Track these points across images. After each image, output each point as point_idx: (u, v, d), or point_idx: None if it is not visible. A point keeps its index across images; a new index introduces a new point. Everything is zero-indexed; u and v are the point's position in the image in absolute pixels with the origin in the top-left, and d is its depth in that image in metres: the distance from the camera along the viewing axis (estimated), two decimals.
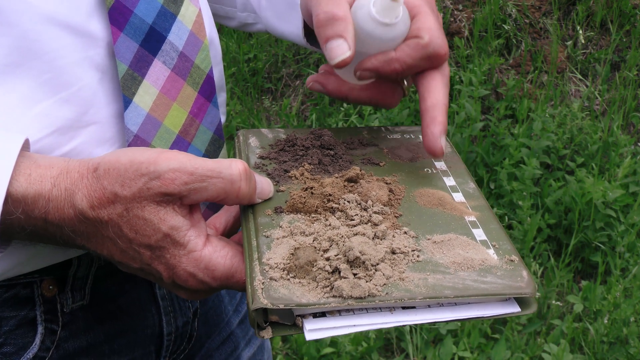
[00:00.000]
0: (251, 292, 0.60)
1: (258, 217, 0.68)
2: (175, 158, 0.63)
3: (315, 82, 0.81)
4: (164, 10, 0.75)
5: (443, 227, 0.68)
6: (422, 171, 0.78)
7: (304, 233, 0.65)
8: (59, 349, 0.78)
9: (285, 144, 0.80)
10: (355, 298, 0.59)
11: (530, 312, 0.63)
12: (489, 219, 0.70)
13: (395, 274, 0.62)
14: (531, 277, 0.63)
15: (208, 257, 0.65)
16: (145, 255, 0.64)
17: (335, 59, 0.70)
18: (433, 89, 0.75)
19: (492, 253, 0.65)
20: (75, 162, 0.65)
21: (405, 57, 0.73)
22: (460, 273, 0.62)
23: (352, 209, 0.68)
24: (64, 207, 0.63)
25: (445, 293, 0.60)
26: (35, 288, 0.76)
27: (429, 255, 0.64)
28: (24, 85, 0.67)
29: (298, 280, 0.61)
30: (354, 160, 0.78)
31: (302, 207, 0.69)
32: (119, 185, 0.62)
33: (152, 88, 0.74)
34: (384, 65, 0.73)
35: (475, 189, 0.76)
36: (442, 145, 0.74)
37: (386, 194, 0.71)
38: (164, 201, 0.63)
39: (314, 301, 0.59)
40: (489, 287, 0.61)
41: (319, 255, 0.62)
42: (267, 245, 0.65)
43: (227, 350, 1.00)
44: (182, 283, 0.65)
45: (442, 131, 0.74)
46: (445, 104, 0.74)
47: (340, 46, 0.70)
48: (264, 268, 0.62)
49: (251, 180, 0.67)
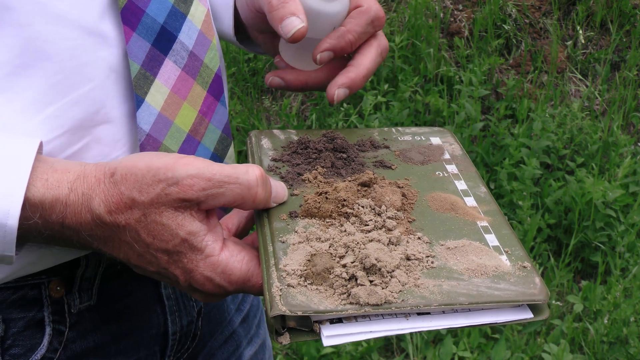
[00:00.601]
0: (269, 299, 0.61)
1: (273, 222, 0.69)
2: (193, 164, 0.64)
3: (273, 77, 0.84)
4: (174, 10, 0.76)
5: (456, 233, 0.69)
6: (434, 174, 0.78)
7: (319, 239, 0.66)
8: (67, 350, 0.78)
9: (297, 146, 0.81)
10: (372, 305, 0.60)
11: (542, 319, 0.63)
12: (501, 225, 0.71)
13: (410, 280, 0.62)
14: (544, 283, 0.64)
15: (225, 262, 0.65)
16: (162, 259, 0.65)
17: (291, 31, 0.75)
18: (364, 52, 0.81)
19: (505, 259, 0.66)
20: (91, 166, 0.65)
21: (354, 26, 0.79)
22: (474, 280, 0.63)
23: (366, 214, 0.68)
24: (81, 211, 0.63)
25: (460, 300, 0.61)
26: (43, 289, 0.76)
27: (443, 261, 0.65)
28: (36, 86, 0.67)
29: (315, 287, 0.61)
30: (366, 163, 0.79)
31: (317, 212, 0.69)
32: (136, 191, 0.63)
33: (163, 87, 0.75)
34: (339, 40, 0.78)
35: (486, 192, 0.76)
36: (335, 94, 0.78)
37: (399, 199, 0.72)
38: (181, 207, 0.63)
39: (331, 308, 0.59)
40: (502, 293, 0.62)
41: (335, 262, 0.63)
42: (283, 250, 0.65)
43: (230, 349, 1.00)
44: (199, 287, 0.66)
45: (344, 84, 0.78)
46: (367, 67, 0.80)
47: (294, 21, 0.75)
48: (281, 274, 0.62)
49: (267, 185, 0.68)
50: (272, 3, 0.76)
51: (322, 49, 0.78)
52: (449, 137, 0.87)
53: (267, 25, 0.80)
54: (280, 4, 0.76)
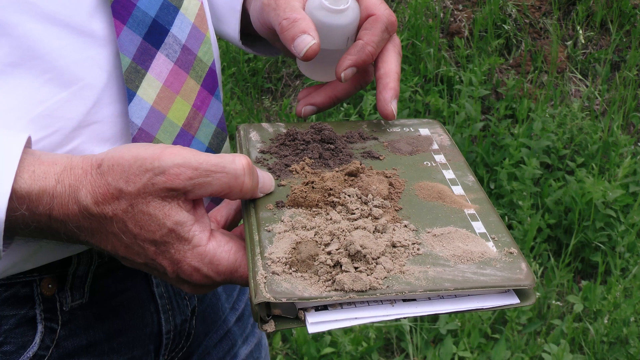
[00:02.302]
0: (254, 287, 0.61)
1: (260, 212, 0.69)
2: (179, 153, 0.63)
3: (305, 107, 0.86)
4: (166, 4, 0.75)
5: (443, 220, 0.69)
6: (422, 164, 0.79)
7: (305, 227, 0.66)
8: (59, 348, 0.78)
9: (285, 138, 0.81)
10: (357, 291, 0.60)
11: (529, 304, 0.63)
12: (488, 212, 0.71)
13: (395, 267, 0.62)
14: (530, 269, 0.64)
15: (212, 252, 0.65)
16: (149, 250, 0.65)
17: (303, 50, 0.76)
18: (386, 59, 0.82)
19: (492, 245, 0.66)
20: (78, 158, 0.65)
21: (371, 37, 0.80)
22: (459, 266, 0.63)
23: (352, 203, 0.68)
24: (68, 203, 0.63)
25: (445, 285, 0.61)
26: (34, 287, 0.76)
27: (429, 248, 0.65)
28: (26, 84, 0.67)
29: (300, 274, 0.61)
30: (354, 154, 0.79)
31: (303, 201, 0.69)
32: (123, 181, 0.63)
33: (155, 81, 0.74)
34: (360, 54, 0.80)
35: (474, 181, 0.76)
36: (393, 109, 0.81)
37: (386, 188, 0.72)
38: (168, 196, 0.63)
39: (315, 294, 0.60)
40: (488, 279, 0.62)
41: (321, 249, 0.63)
42: (269, 239, 0.65)
43: (225, 348, 1.00)
44: (187, 277, 0.66)
45: (392, 96, 0.81)
46: (397, 72, 0.82)
47: (305, 39, 0.76)
48: (266, 262, 0.62)
49: (254, 175, 0.68)
50: (283, 24, 0.77)
51: (345, 66, 0.80)
52: (437, 128, 0.87)
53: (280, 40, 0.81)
54: (291, 23, 0.77)
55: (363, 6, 0.81)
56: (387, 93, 0.81)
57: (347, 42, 0.82)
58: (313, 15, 0.79)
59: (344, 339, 2.19)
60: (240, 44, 0.92)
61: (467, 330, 2.23)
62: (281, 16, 0.78)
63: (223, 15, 0.91)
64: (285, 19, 0.77)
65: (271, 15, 0.80)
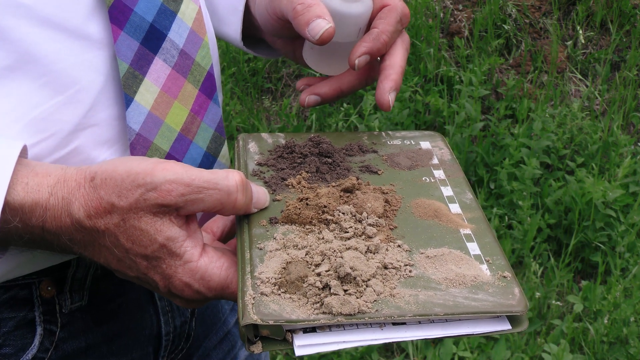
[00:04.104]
0: (242, 307, 0.60)
1: (253, 228, 0.69)
2: (172, 169, 0.63)
3: (309, 96, 0.85)
4: (164, 8, 0.75)
5: (437, 241, 0.68)
6: (420, 180, 0.78)
7: (296, 246, 0.65)
8: (58, 350, 0.78)
9: (283, 150, 0.80)
10: (345, 315, 0.59)
11: (520, 330, 0.62)
12: (484, 232, 0.70)
13: (386, 289, 0.61)
14: (523, 294, 0.63)
15: (204, 268, 0.65)
16: (141, 265, 0.65)
17: (318, 33, 0.75)
18: (393, 52, 0.82)
19: (485, 269, 0.65)
20: (72, 170, 0.65)
21: (386, 26, 0.79)
22: (451, 290, 0.62)
23: (346, 222, 0.68)
24: (61, 216, 0.63)
25: (436, 310, 0.60)
26: (33, 289, 0.76)
27: (422, 270, 0.64)
28: (22, 88, 0.67)
29: (289, 296, 0.61)
30: (351, 168, 0.78)
31: (297, 218, 0.69)
32: (115, 195, 0.62)
33: (153, 86, 0.74)
34: (375, 42, 0.79)
35: (472, 199, 0.75)
36: (390, 99, 0.80)
37: (381, 206, 0.71)
38: (160, 212, 0.63)
39: (303, 317, 0.59)
40: (479, 304, 0.61)
41: (310, 270, 0.62)
42: (259, 258, 0.65)
43: (225, 350, 1.00)
44: (178, 293, 0.66)
45: (392, 87, 0.80)
46: (401, 66, 0.81)
47: (320, 23, 0.75)
48: (256, 282, 0.62)
49: (247, 191, 0.67)
50: (297, 9, 0.77)
51: (360, 53, 0.79)
52: (439, 141, 0.86)
53: (288, 31, 0.81)
54: (305, 8, 0.76)
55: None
56: (388, 83, 0.80)
57: (358, 33, 0.81)
58: (327, 2, 0.79)
59: None
60: (241, 45, 0.92)
61: None
62: (295, 2, 0.77)
63: (224, 16, 0.91)
64: (300, 3, 0.77)
65: (283, 2, 0.79)
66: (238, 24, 0.90)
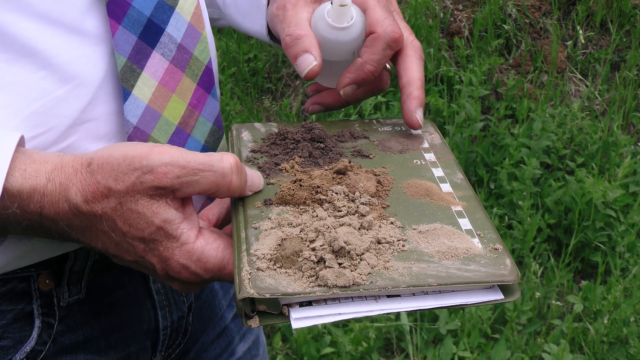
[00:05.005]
0: (238, 283, 0.61)
1: (248, 210, 0.69)
2: (167, 152, 0.64)
3: (313, 104, 0.86)
4: (162, 3, 0.76)
5: (429, 217, 0.69)
6: (411, 162, 0.79)
7: (291, 224, 0.66)
8: (56, 343, 0.78)
9: (276, 137, 0.81)
10: (340, 287, 0.60)
11: (513, 299, 0.64)
12: (475, 209, 0.71)
13: (380, 263, 0.62)
14: (514, 264, 0.64)
15: (200, 249, 0.66)
16: (138, 248, 0.65)
17: (305, 70, 0.76)
18: (408, 66, 0.81)
19: (477, 242, 0.66)
20: (69, 157, 0.66)
21: (370, 55, 0.79)
22: (444, 262, 0.63)
23: (339, 201, 0.69)
24: (59, 201, 0.64)
25: (429, 281, 0.61)
26: (31, 282, 0.76)
27: (414, 244, 0.65)
28: (21, 82, 0.67)
29: (284, 270, 0.62)
30: (344, 153, 0.79)
31: (291, 199, 0.70)
32: (112, 179, 0.63)
33: (151, 80, 0.75)
34: (359, 73, 0.79)
35: (462, 179, 0.76)
36: (418, 118, 0.80)
37: (374, 186, 0.72)
38: (156, 195, 0.64)
39: (299, 290, 0.60)
40: (472, 275, 0.62)
41: (305, 245, 0.63)
42: (255, 236, 0.66)
43: (222, 345, 1.00)
44: (175, 275, 0.66)
45: (417, 105, 0.80)
46: (420, 79, 0.81)
47: (307, 59, 0.76)
48: (252, 259, 0.63)
49: (242, 173, 0.68)
50: (286, 40, 0.78)
51: (344, 84, 0.80)
52: (429, 126, 0.87)
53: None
54: (294, 40, 0.77)
55: (368, 22, 0.79)
56: (412, 103, 0.80)
57: (352, 55, 0.82)
58: (317, 29, 0.79)
59: (344, 339, 2.19)
60: (268, 39, 0.92)
61: (467, 330, 2.23)
62: (286, 31, 0.78)
63: (248, 12, 0.91)
64: (289, 35, 0.78)
65: (278, 27, 0.81)
66: (263, 19, 0.90)
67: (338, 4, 0.77)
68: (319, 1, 0.81)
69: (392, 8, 0.83)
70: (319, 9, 0.79)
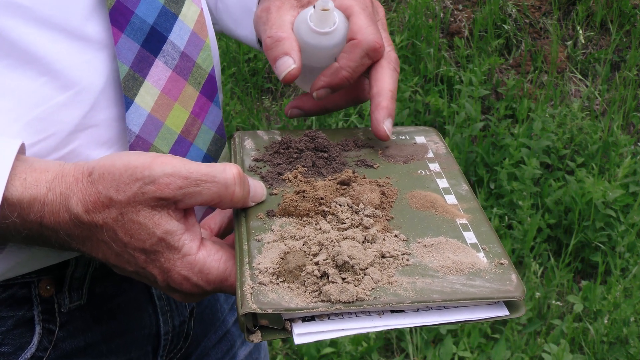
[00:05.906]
0: (240, 297, 0.60)
1: (250, 221, 0.69)
2: (170, 162, 0.63)
3: (292, 108, 0.85)
4: (165, 10, 0.75)
5: (434, 230, 0.68)
6: (416, 173, 0.78)
7: (294, 237, 0.66)
8: (57, 349, 0.78)
9: (279, 146, 0.81)
10: (344, 302, 0.59)
11: (518, 316, 0.63)
12: (480, 222, 0.70)
13: (384, 278, 0.62)
14: (520, 280, 0.63)
15: (202, 261, 0.65)
16: (139, 259, 0.64)
17: (283, 73, 0.76)
18: (380, 76, 0.80)
19: (482, 256, 0.66)
20: (70, 166, 0.65)
21: (347, 61, 0.78)
22: (449, 277, 0.62)
23: (343, 213, 0.68)
24: (59, 211, 0.63)
25: (433, 297, 0.60)
26: (32, 288, 0.76)
27: (419, 258, 0.64)
28: (22, 88, 0.67)
29: (287, 285, 0.61)
30: (347, 162, 0.79)
31: (294, 210, 0.69)
32: (113, 189, 0.62)
33: (153, 88, 0.74)
34: (333, 78, 0.78)
35: (468, 190, 0.76)
36: (386, 129, 0.78)
37: (378, 197, 0.71)
38: (158, 205, 0.63)
39: (302, 306, 0.59)
40: (477, 290, 0.61)
41: (308, 259, 0.62)
42: (257, 249, 0.65)
43: (224, 349, 1.00)
44: (177, 286, 0.66)
45: (385, 115, 0.78)
46: (390, 90, 0.79)
47: (286, 62, 0.75)
48: (254, 272, 0.62)
49: (245, 184, 0.67)
50: (267, 42, 0.77)
51: (318, 86, 0.79)
52: (433, 136, 0.87)
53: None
54: (274, 42, 0.76)
55: (350, 28, 0.78)
56: (380, 113, 0.78)
57: (334, 60, 0.80)
58: (299, 32, 0.78)
59: (344, 339, 2.19)
60: (258, 46, 0.91)
61: (467, 330, 2.23)
62: (267, 32, 0.77)
63: (239, 18, 0.91)
64: (269, 37, 0.77)
65: (261, 29, 0.80)
66: (252, 25, 0.89)
67: (320, 8, 0.76)
68: (305, 5, 0.80)
69: (378, 18, 0.82)
70: (302, 13, 0.79)
